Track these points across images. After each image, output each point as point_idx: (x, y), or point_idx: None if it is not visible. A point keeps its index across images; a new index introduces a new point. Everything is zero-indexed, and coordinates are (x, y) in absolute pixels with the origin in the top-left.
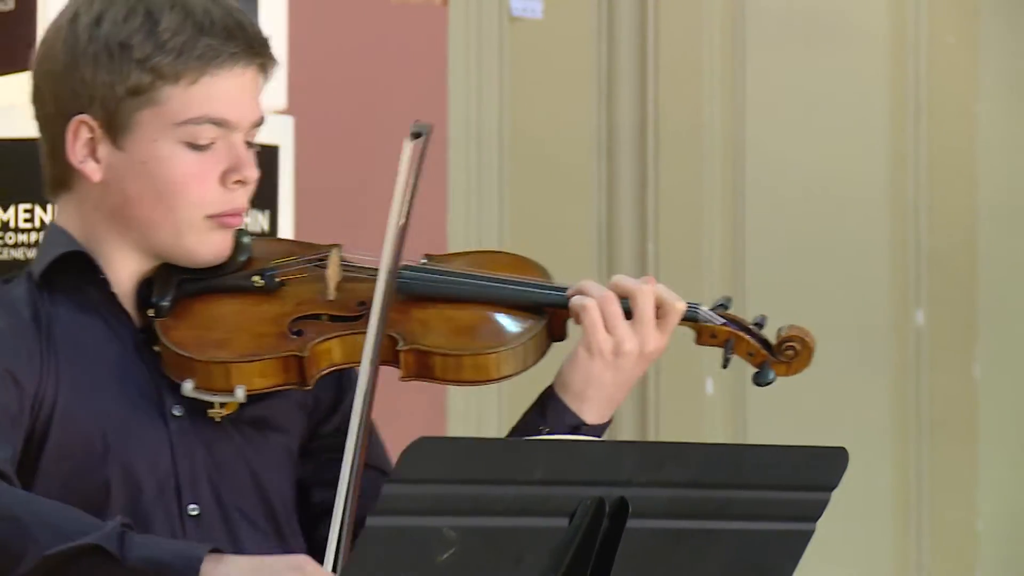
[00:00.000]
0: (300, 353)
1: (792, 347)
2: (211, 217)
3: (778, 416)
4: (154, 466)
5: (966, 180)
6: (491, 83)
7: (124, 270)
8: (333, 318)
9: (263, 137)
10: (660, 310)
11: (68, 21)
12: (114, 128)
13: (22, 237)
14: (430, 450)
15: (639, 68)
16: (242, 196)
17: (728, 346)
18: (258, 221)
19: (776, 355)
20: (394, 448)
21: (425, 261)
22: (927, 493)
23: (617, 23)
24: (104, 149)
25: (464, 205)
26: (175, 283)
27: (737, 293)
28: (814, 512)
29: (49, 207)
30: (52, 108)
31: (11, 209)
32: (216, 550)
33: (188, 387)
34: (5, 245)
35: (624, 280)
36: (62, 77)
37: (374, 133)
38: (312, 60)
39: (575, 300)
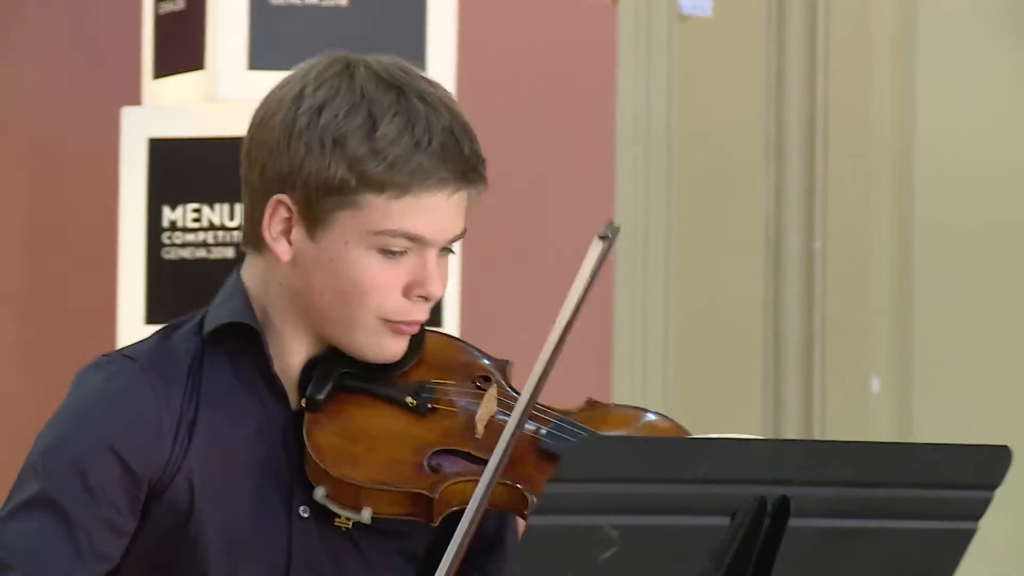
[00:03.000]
0: (430, 494)
1: None
2: (387, 322)
3: (945, 414)
4: (266, 563)
5: None
6: (660, 82)
7: (293, 348)
8: (474, 459)
9: None
10: None
11: (292, 98)
12: (311, 218)
13: (190, 237)
14: (592, 449)
15: (808, 66)
16: (422, 308)
17: None
18: None
19: None
20: None
21: (584, 407)
22: None
23: (787, 20)
24: (298, 234)
25: (631, 204)
26: (336, 375)
27: (905, 291)
28: (977, 511)
29: (216, 206)
30: (258, 176)
31: (179, 209)
32: None
33: (319, 494)
34: (173, 245)
35: None
36: (273, 152)
37: (543, 132)
38: (481, 59)
39: None
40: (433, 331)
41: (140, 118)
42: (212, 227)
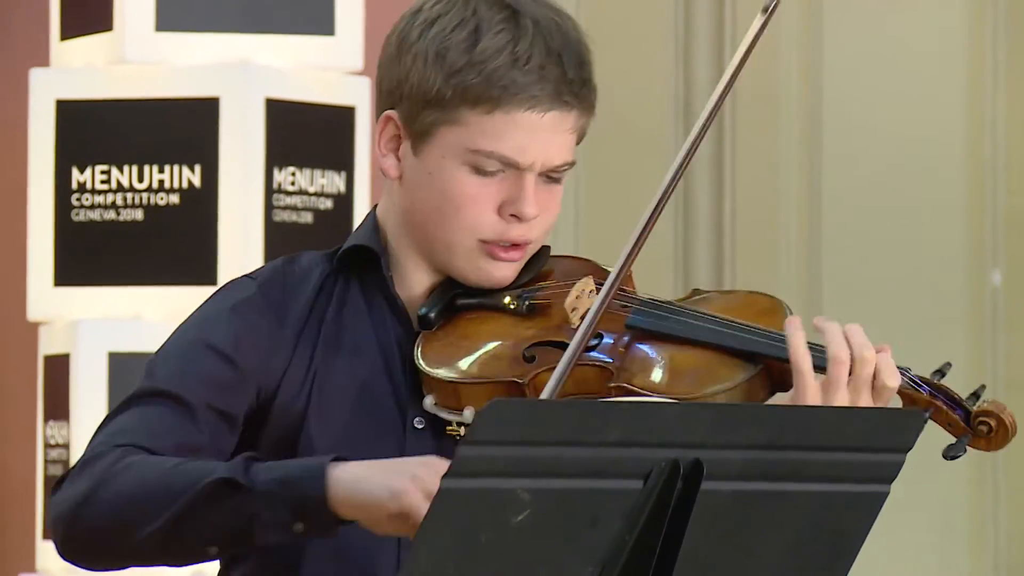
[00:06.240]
0: (520, 380)
1: (985, 423)
2: (483, 243)
3: None
4: None
5: None
6: None
7: (414, 276)
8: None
9: (340, 97)
10: (875, 381)
11: (411, 13)
12: (414, 133)
13: (98, 199)
14: (506, 412)
15: (716, 31)
16: (519, 230)
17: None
18: (334, 182)
19: (972, 429)
20: None
21: (688, 295)
22: (1002, 453)
23: None
24: (404, 149)
25: None
26: (450, 296)
27: (814, 256)
28: (889, 474)
29: (125, 168)
30: (378, 92)
31: (88, 170)
32: (340, 458)
33: (428, 402)
34: (82, 207)
35: (856, 338)
36: (387, 67)
37: None
38: (390, 21)
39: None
40: (558, 255)
41: (48, 80)
42: (121, 189)
